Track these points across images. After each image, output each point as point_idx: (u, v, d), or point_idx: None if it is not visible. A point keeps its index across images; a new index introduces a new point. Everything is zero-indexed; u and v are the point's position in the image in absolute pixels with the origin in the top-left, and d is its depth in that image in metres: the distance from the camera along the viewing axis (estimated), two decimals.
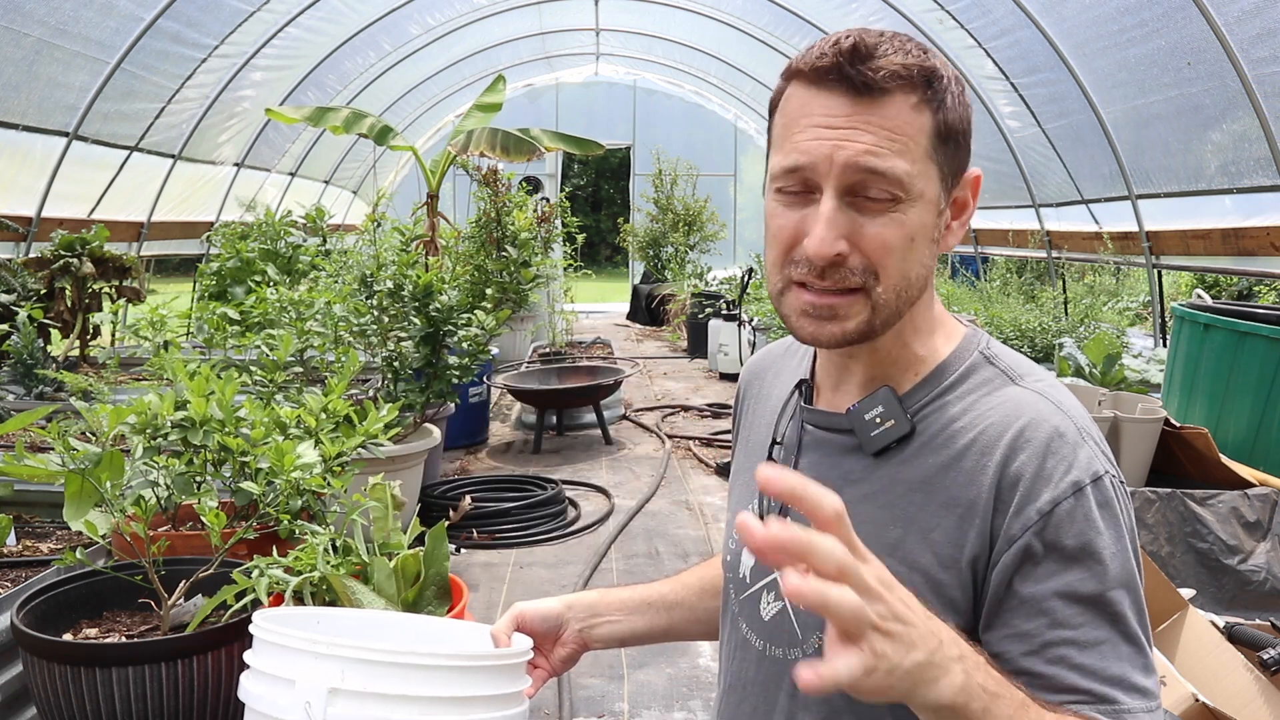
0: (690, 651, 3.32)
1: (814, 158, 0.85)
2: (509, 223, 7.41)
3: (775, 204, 0.91)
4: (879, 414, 0.93)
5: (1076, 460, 0.85)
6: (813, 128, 0.86)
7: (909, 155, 0.85)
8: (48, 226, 5.85)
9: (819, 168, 0.85)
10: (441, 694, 0.95)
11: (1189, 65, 5.36)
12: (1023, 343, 6.50)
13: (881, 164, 0.84)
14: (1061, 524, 0.83)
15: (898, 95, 0.85)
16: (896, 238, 0.86)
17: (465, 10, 10.25)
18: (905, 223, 0.87)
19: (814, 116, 0.86)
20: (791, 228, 0.89)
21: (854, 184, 0.85)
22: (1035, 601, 0.82)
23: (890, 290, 0.88)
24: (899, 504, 0.91)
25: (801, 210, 0.88)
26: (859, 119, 0.84)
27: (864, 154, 0.84)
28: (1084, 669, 0.80)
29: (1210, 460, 3.26)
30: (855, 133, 0.84)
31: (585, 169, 28.67)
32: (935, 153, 0.87)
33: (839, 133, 0.85)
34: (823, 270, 0.87)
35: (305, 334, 3.98)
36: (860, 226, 0.86)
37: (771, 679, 0.99)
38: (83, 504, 2.06)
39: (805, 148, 0.86)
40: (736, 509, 1.10)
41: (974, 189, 0.94)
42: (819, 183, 0.86)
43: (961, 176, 0.92)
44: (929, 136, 0.86)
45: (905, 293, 0.89)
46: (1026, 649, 0.82)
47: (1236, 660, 2.15)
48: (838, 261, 0.86)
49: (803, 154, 0.86)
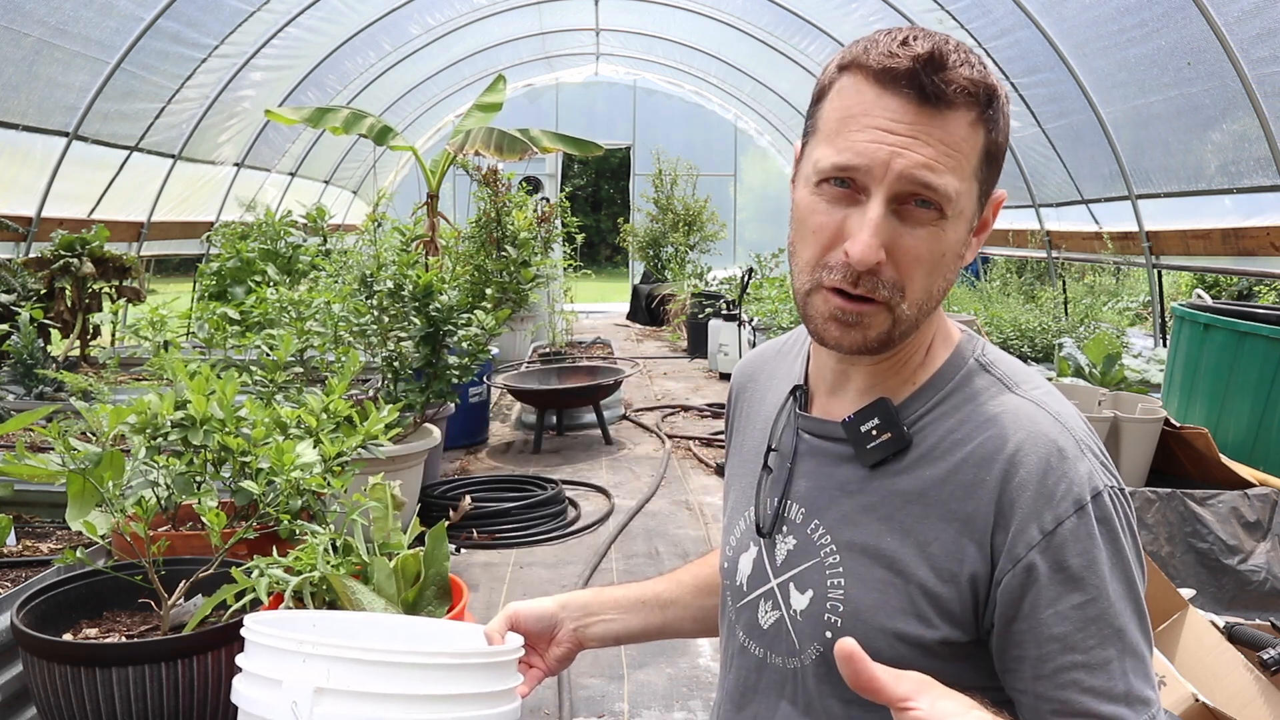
0: (690, 651, 3.32)
1: (870, 161, 0.83)
2: (509, 223, 7.42)
3: (816, 199, 0.88)
4: (875, 426, 0.93)
5: (1077, 476, 0.85)
6: (872, 129, 0.84)
7: (960, 173, 0.84)
8: (48, 226, 5.85)
9: (874, 172, 0.84)
10: (428, 692, 0.95)
11: (1189, 65, 5.36)
12: (1023, 343, 6.51)
13: (936, 180, 0.83)
14: (1065, 543, 0.83)
15: (961, 110, 0.84)
16: (930, 253, 0.86)
17: (465, 10, 10.25)
18: (942, 239, 0.86)
19: (874, 118, 0.84)
20: (833, 228, 0.87)
21: (904, 193, 0.84)
22: (1044, 626, 0.83)
23: (913, 306, 0.87)
24: (896, 515, 0.90)
25: (844, 210, 0.86)
26: (921, 129, 0.83)
27: (921, 166, 0.82)
28: (1094, 691, 0.82)
29: (1210, 460, 3.26)
30: (916, 143, 0.83)
31: (585, 169, 28.66)
32: (980, 172, 0.87)
33: (900, 139, 0.83)
34: (858, 278, 0.85)
35: (305, 334, 3.98)
36: (899, 237, 0.85)
37: (772, 686, 0.99)
38: (85, 504, 2.06)
39: (862, 149, 0.84)
40: (732, 515, 1.10)
41: (995, 209, 0.93)
42: (869, 185, 0.84)
43: (990, 197, 0.91)
44: (979, 155, 0.86)
45: (926, 307, 0.89)
46: (1037, 673, 0.83)
47: (1236, 660, 2.15)
48: (874, 270, 0.85)
49: (858, 155, 0.84)
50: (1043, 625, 0.83)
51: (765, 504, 1.01)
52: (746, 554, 1.04)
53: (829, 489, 0.96)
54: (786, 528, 0.99)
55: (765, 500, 1.02)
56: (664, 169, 13.42)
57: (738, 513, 1.08)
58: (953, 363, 0.95)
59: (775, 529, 0.99)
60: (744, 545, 1.05)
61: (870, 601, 0.90)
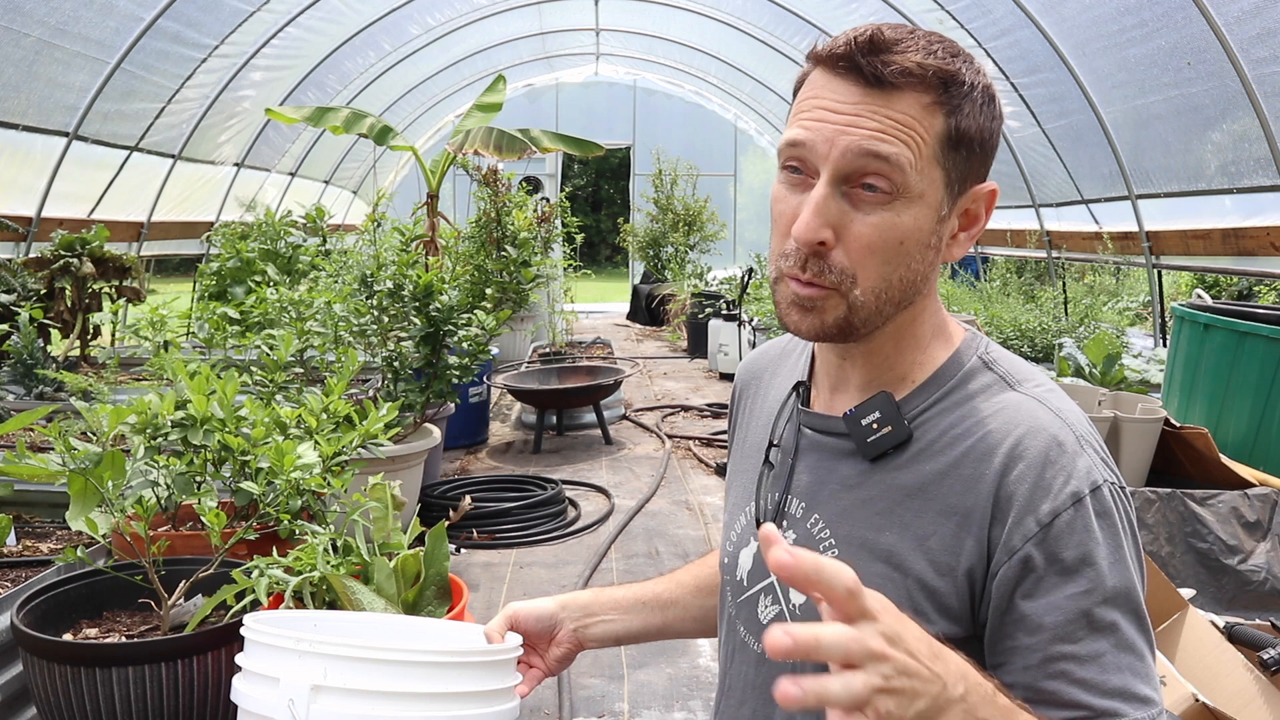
0: (690, 651, 3.32)
1: (815, 136, 0.85)
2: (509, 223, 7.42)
3: (780, 187, 0.90)
4: (876, 419, 0.93)
5: (1076, 470, 0.84)
6: (819, 109, 0.86)
7: (914, 148, 0.84)
8: (48, 226, 5.85)
9: (818, 148, 0.85)
10: (426, 690, 0.95)
11: (1189, 65, 5.36)
12: (1023, 343, 6.51)
13: (885, 148, 0.83)
14: (1061, 536, 0.82)
15: (909, 93, 0.84)
16: (883, 239, 0.86)
17: (465, 10, 10.25)
18: (897, 224, 0.85)
19: (823, 99, 0.86)
20: (790, 214, 0.88)
21: (852, 171, 0.84)
22: (1036, 616, 0.82)
23: (869, 293, 0.87)
24: (895, 510, 0.90)
25: (800, 196, 0.88)
26: (865, 108, 0.84)
27: (867, 137, 0.83)
28: (1085, 684, 0.80)
29: (1210, 460, 3.26)
30: (860, 119, 0.84)
31: (585, 169, 28.66)
32: (943, 157, 0.86)
33: (844, 118, 0.84)
34: (804, 262, 0.86)
35: (305, 334, 3.98)
36: (849, 222, 0.85)
37: (771, 682, 0.98)
38: (86, 504, 2.06)
39: (808, 125, 0.86)
40: (733, 511, 1.10)
41: (988, 203, 0.92)
42: (817, 165, 0.86)
43: (972, 187, 0.90)
44: (938, 139, 0.85)
45: (885, 294, 0.88)
46: (1027, 663, 0.82)
47: (1236, 660, 2.15)
48: (819, 253, 0.86)
49: (804, 130, 0.86)
50: (1034, 615, 0.82)
51: (766, 499, 1.02)
52: (747, 549, 1.04)
53: (829, 484, 0.96)
54: (787, 522, 0.99)
55: (766, 495, 1.02)
56: (664, 169, 13.42)
57: (739, 508, 1.08)
58: (955, 359, 0.95)
59: (775, 523, 1.00)
60: (744, 540, 1.05)
61: None
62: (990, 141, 0.89)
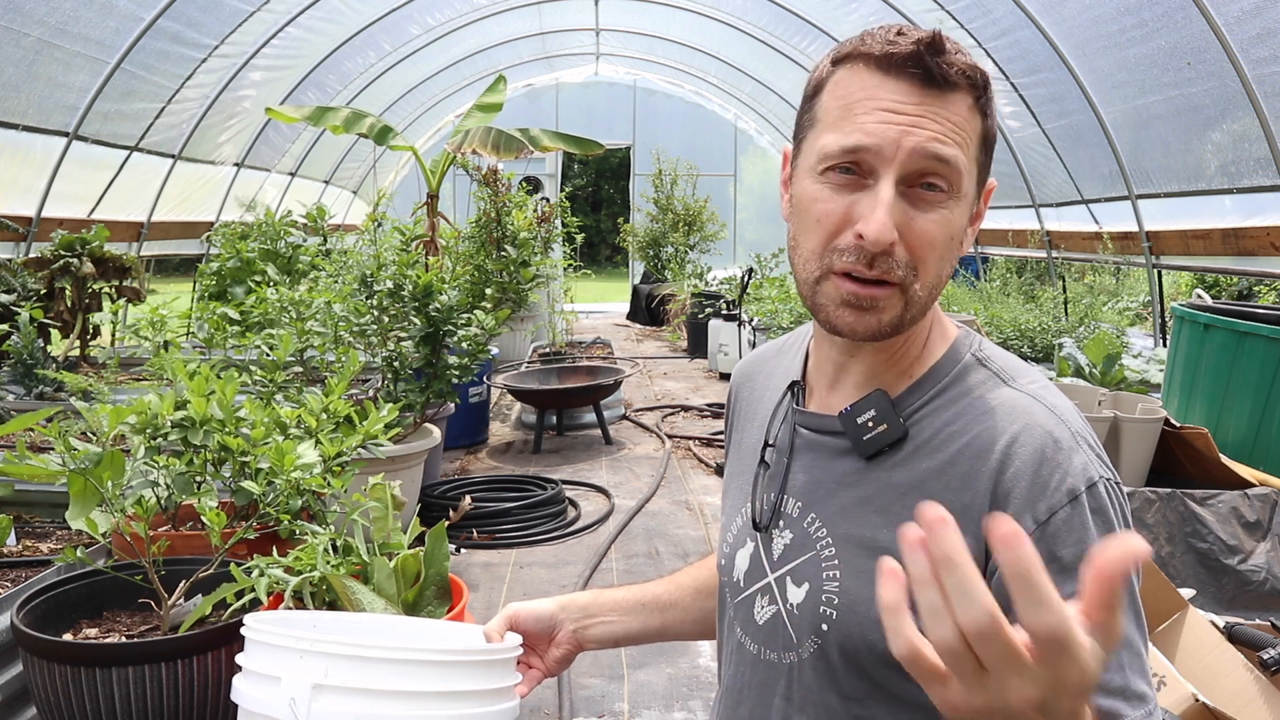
0: (690, 651, 3.32)
1: (881, 140, 0.84)
2: (509, 223, 7.42)
3: (820, 188, 0.88)
4: (871, 417, 0.93)
5: (1072, 467, 0.84)
6: (880, 110, 0.85)
7: (966, 152, 0.86)
8: (48, 226, 5.85)
9: (884, 151, 0.84)
10: (426, 688, 0.95)
11: (1189, 65, 5.36)
12: (1022, 343, 6.51)
13: (948, 152, 0.84)
14: (1058, 534, 0.83)
15: (962, 93, 0.86)
16: (941, 235, 0.87)
17: (465, 10, 10.25)
18: (951, 221, 0.87)
19: (881, 100, 0.85)
20: (840, 213, 0.87)
21: (915, 172, 0.85)
22: None
23: (925, 288, 0.88)
24: (893, 507, 0.90)
25: (851, 195, 0.87)
26: (928, 108, 0.85)
27: (932, 140, 0.84)
28: None
29: (1210, 460, 3.26)
30: (925, 119, 0.84)
31: (585, 169, 28.66)
32: (980, 156, 0.89)
33: (908, 118, 0.84)
34: (873, 259, 0.86)
35: (305, 334, 3.98)
36: (910, 219, 0.86)
37: (767, 682, 0.99)
38: (87, 504, 2.06)
39: (872, 129, 0.85)
40: (730, 512, 1.10)
41: (986, 199, 0.95)
42: (878, 168, 0.85)
43: (984, 186, 0.93)
44: (978, 140, 0.88)
45: (935, 290, 0.90)
46: None
47: (1236, 660, 2.15)
48: (888, 251, 0.86)
49: (868, 135, 0.85)
50: None
51: (762, 499, 1.02)
52: (743, 549, 1.04)
53: (826, 482, 0.96)
54: (783, 522, 0.99)
55: (762, 495, 1.02)
56: (664, 169, 13.42)
57: (735, 509, 1.08)
58: (950, 357, 0.95)
59: (772, 523, 1.00)
60: (741, 541, 1.05)
61: (866, 594, 0.89)
62: (995, 141, 0.93)
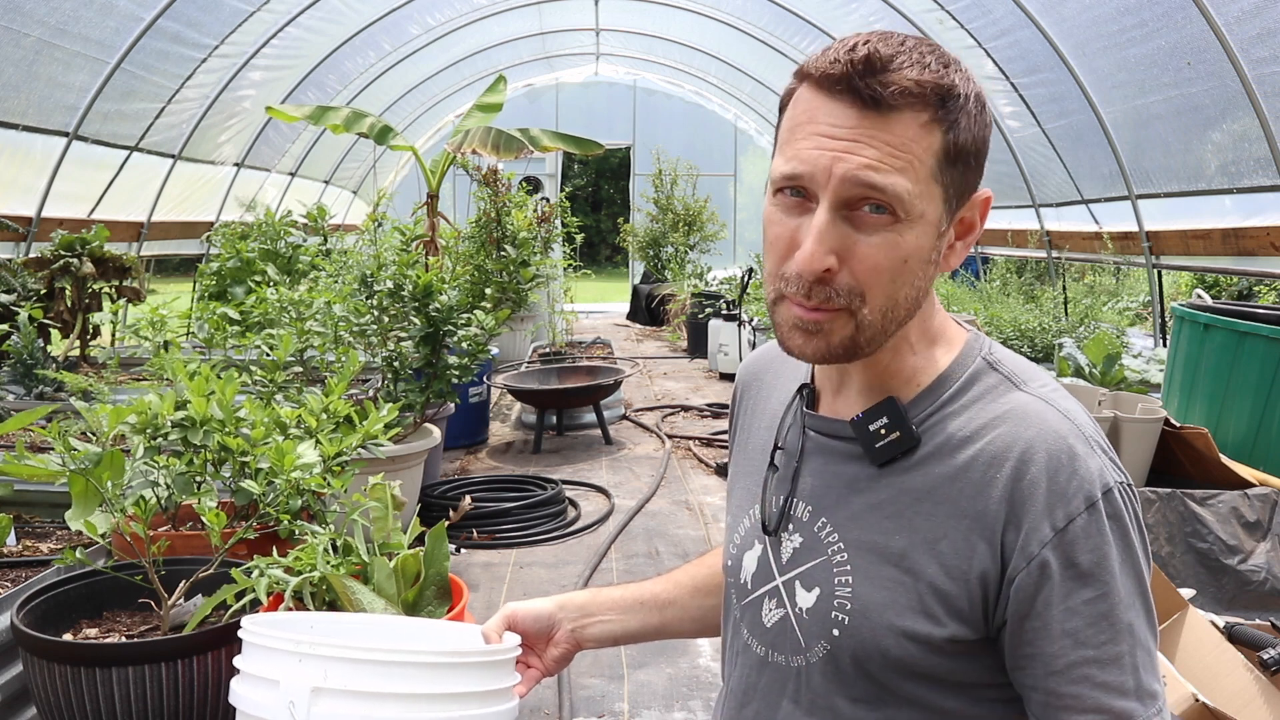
0: (690, 651, 3.32)
1: (813, 167, 0.84)
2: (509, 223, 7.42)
3: (774, 209, 0.89)
4: (883, 425, 0.93)
5: (1088, 473, 0.85)
6: (815, 136, 0.84)
7: (911, 174, 0.83)
8: (48, 226, 5.85)
9: (817, 178, 0.84)
10: (425, 690, 0.95)
11: (1189, 65, 5.36)
12: (1023, 343, 6.51)
13: (881, 179, 0.82)
14: (1077, 540, 0.83)
15: (907, 113, 0.83)
16: (888, 259, 0.85)
17: (465, 10, 10.25)
18: (900, 244, 0.85)
19: (818, 125, 0.84)
20: (787, 237, 0.87)
21: (851, 198, 0.84)
22: (1056, 622, 0.84)
23: (876, 312, 0.87)
24: (905, 513, 0.90)
25: (798, 219, 0.87)
26: (863, 132, 0.83)
27: (864, 168, 0.82)
28: (1106, 686, 0.83)
29: (1210, 460, 3.26)
30: (858, 145, 0.82)
31: (585, 169, 28.66)
32: (941, 174, 0.85)
33: (841, 144, 0.83)
34: (809, 289, 0.85)
35: (305, 334, 3.98)
36: (853, 243, 0.85)
37: (774, 685, 0.98)
38: (87, 504, 2.06)
39: (805, 156, 0.84)
40: (736, 514, 1.10)
41: (983, 210, 0.92)
42: (816, 193, 0.85)
43: (970, 197, 0.90)
44: (936, 157, 0.85)
45: (892, 313, 0.88)
46: (1049, 669, 0.84)
47: (1236, 660, 2.15)
48: (825, 279, 0.85)
49: (802, 162, 0.85)
50: (1054, 621, 0.83)
51: (771, 502, 1.01)
52: (751, 552, 1.04)
53: (837, 487, 0.96)
54: (792, 525, 0.98)
55: (771, 498, 1.02)
56: (664, 169, 13.41)
57: (742, 511, 1.08)
58: (960, 362, 0.95)
59: (781, 526, 0.99)
60: (748, 543, 1.05)
61: (879, 600, 0.90)
62: (984, 149, 0.89)
